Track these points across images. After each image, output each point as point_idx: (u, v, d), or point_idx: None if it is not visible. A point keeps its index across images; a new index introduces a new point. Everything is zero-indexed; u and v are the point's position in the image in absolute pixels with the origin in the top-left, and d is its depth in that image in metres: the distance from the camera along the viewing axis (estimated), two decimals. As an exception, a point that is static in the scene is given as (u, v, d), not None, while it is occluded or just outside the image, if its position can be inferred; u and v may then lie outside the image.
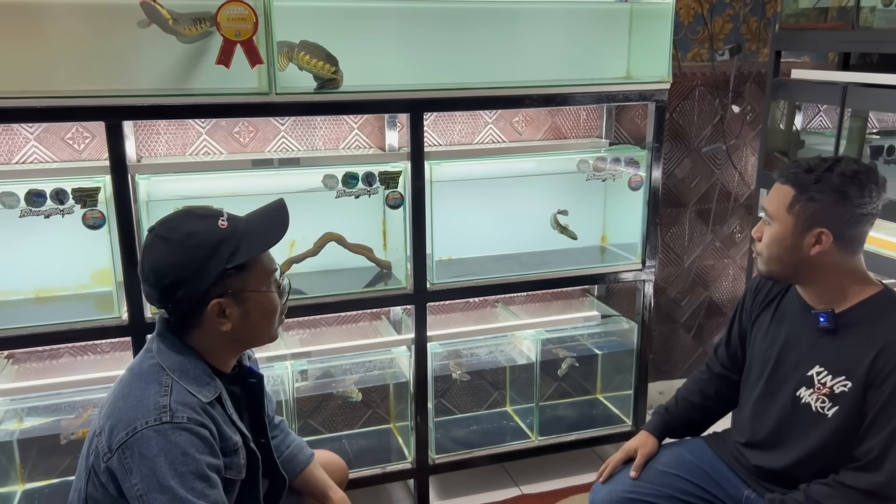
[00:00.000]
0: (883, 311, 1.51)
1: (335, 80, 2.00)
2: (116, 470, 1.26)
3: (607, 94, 2.29)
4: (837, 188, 1.47)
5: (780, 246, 1.53)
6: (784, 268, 1.56)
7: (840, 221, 1.48)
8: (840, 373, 1.52)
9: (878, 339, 1.47)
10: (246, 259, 1.33)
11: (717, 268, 3.05)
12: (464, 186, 2.46)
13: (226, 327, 1.35)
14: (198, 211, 1.37)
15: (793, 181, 1.51)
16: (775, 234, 1.53)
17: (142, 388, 1.30)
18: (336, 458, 1.82)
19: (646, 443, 1.80)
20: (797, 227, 1.50)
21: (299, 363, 2.33)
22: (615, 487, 1.73)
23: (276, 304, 1.40)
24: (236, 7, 1.83)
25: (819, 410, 1.54)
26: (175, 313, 1.36)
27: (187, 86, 1.92)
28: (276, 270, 1.41)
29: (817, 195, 1.48)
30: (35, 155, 2.16)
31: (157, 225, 1.36)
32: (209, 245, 1.30)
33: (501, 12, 2.24)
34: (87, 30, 1.88)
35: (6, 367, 2.20)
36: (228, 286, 1.33)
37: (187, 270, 1.30)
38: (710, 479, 1.72)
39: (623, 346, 2.67)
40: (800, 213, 1.49)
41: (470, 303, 2.69)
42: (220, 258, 1.30)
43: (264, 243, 1.37)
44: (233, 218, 1.36)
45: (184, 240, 1.31)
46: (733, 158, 2.91)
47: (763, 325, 1.72)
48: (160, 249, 1.32)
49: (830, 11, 2.45)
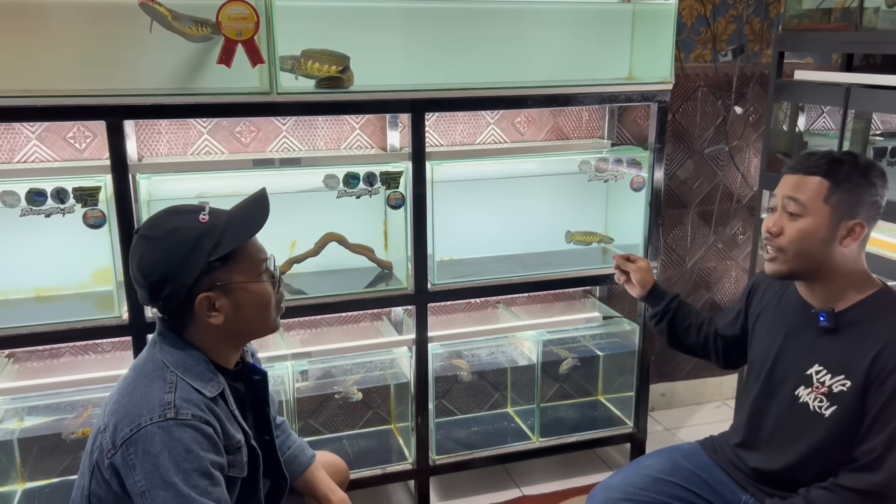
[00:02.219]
0: (883, 311, 1.51)
1: (340, 80, 1.99)
2: (120, 466, 1.27)
3: (609, 95, 2.29)
4: (869, 177, 1.48)
5: (812, 239, 1.49)
6: (810, 264, 1.52)
7: (870, 211, 1.49)
8: (839, 372, 1.51)
9: (879, 339, 1.47)
10: (229, 250, 1.33)
11: (719, 269, 3.04)
12: (465, 187, 2.45)
13: (217, 321, 1.34)
14: (179, 208, 1.38)
15: (824, 172, 1.49)
16: (807, 227, 1.49)
17: (146, 385, 1.31)
18: (337, 459, 1.81)
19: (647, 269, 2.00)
20: (834, 218, 1.48)
21: (300, 363, 2.32)
22: (611, 495, 1.72)
23: (267, 293, 1.39)
24: (237, 6, 1.83)
25: (816, 410, 1.54)
26: (167, 311, 1.36)
27: (189, 85, 1.92)
28: (265, 260, 1.40)
29: (853, 186, 1.47)
30: (36, 154, 2.16)
31: (142, 226, 1.37)
32: (191, 239, 1.31)
33: (504, 12, 2.24)
34: (88, 29, 1.88)
35: (7, 366, 2.20)
36: (216, 279, 1.33)
37: (171, 266, 1.30)
38: (707, 486, 1.71)
39: (624, 347, 2.66)
40: (838, 204, 1.47)
41: (471, 303, 2.69)
42: (203, 251, 1.31)
43: (246, 232, 1.36)
44: (214, 212, 1.36)
45: (166, 236, 1.31)
46: (736, 160, 2.91)
47: (764, 324, 1.71)
48: (144, 248, 1.32)
49: (834, 12, 2.44)
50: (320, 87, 2.00)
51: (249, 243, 1.37)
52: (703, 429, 1.92)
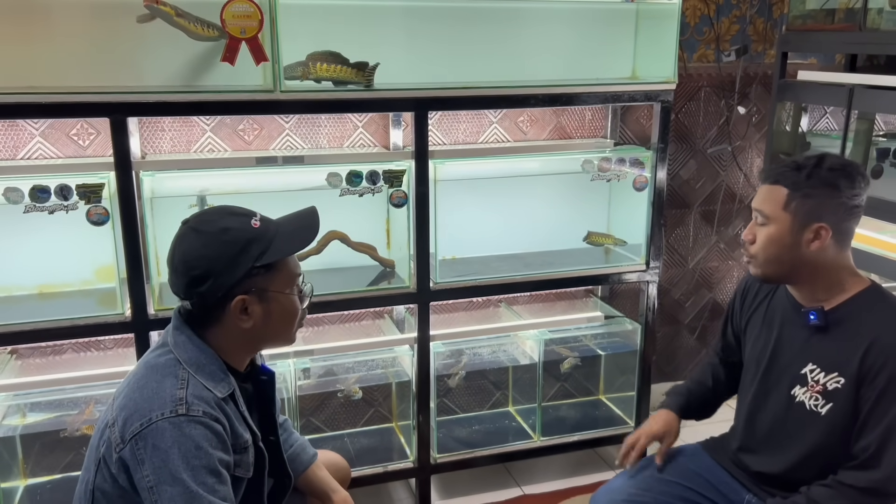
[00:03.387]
0: (871, 306, 1.52)
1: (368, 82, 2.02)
2: (129, 460, 1.27)
3: (612, 95, 2.29)
4: (829, 181, 1.47)
5: (778, 245, 1.52)
6: (781, 267, 1.55)
7: (836, 214, 1.49)
8: (833, 369, 1.52)
9: (867, 335, 1.48)
10: (275, 259, 1.36)
11: (721, 269, 3.04)
12: (468, 186, 2.45)
13: (247, 325, 1.36)
14: (233, 209, 1.40)
15: (783, 180, 1.51)
16: (772, 234, 1.52)
17: (158, 381, 1.31)
18: (339, 457, 1.82)
19: (672, 426, 1.79)
20: (795, 224, 1.50)
21: (302, 361, 2.33)
22: (614, 497, 1.72)
23: (297, 307, 1.42)
24: (242, 4, 1.83)
25: (813, 409, 1.54)
26: (199, 306, 1.37)
27: (192, 83, 1.92)
28: (300, 275, 1.43)
29: (811, 191, 1.48)
30: (40, 151, 2.17)
31: (192, 218, 1.38)
32: (241, 241, 1.33)
33: (507, 11, 2.24)
34: (92, 26, 1.88)
35: (9, 362, 2.20)
36: (254, 284, 1.35)
37: (218, 263, 1.32)
38: (711, 486, 1.72)
39: (626, 347, 2.66)
40: (797, 210, 1.49)
41: (473, 302, 2.69)
42: (250, 256, 1.33)
43: (294, 246, 1.40)
44: (265, 219, 1.39)
45: (218, 234, 1.33)
46: (738, 160, 2.90)
47: (755, 327, 1.72)
48: (193, 241, 1.34)
49: (837, 13, 2.44)
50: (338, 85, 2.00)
51: (291, 258, 1.41)
52: (703, 429, 1.92)
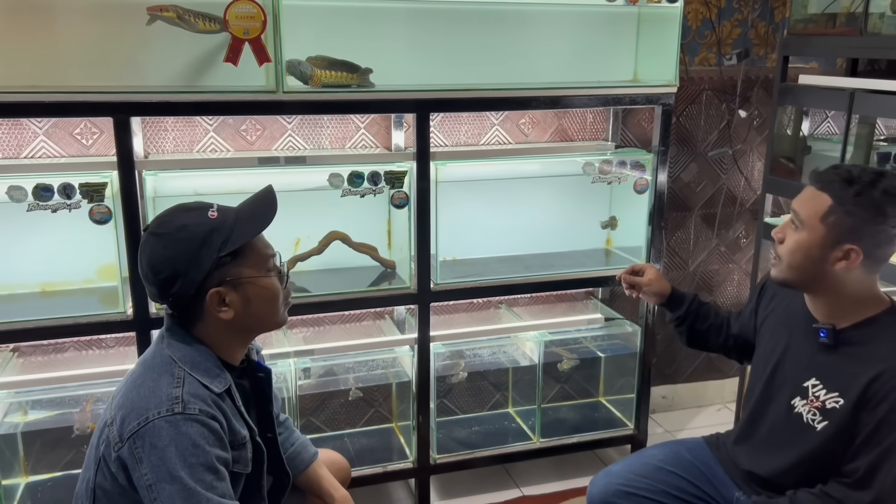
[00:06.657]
0: (885, 333, 1.47)
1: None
2: (127, 459, 1.28)
3: (614, 97, 2.29)
4: (877, 205, 1.39)
5: (804, 255, 1.47)
6: (802, 277, 1.50)
7: (873, 240, 1.41)
8: (834, 388, 1.50)
9: (878, 363, 1.44)
10: (238, 245, 1.35)
11: (721, 273, 3.05)
12: (469, 187, 2.46)
13: (227, 315, 1.36)
14: (188, 205, 1.39)
15: (830, 190, 1.43)
16: (802, 241, 1.47)
17: (154, 380, 1.32)
18: (339, 457, 1.82)
19: (661, 281, 1.88)
20: (828, 239, 1.43)
21: (302, 361, 2.33)
22: (611, 480, 1.74)
23: (275, 288, 1.41)
24: (245, 5, 1.84)
25: (809, 422, 1.54)
26: (176, 307, 1.37)
27: (195, 83, 1.93)
28: (272, 256, 1.43)
29: (855, 209, 1.40)
30: (43, 150, 2.17)
31: (151, 223, 1.39)
32: (200, 235, 1.32)
33: (509, 14, 2.25)
34: (96, 26, 1.89)
35: (11, 360, 2.21)
36: (225, 274, 1.34)
37: (181, 262, 1.32)
38: (705, 479, 1.74)
39: (626, 349, 2.66)
40: (833, 226, 1.42)
41: (473, 303, 2.69)
42: (213, 247, 1.32)
43: (255, 228, 1.38)
44: (223, 208, 1.38)
45: (175, 233, 1.33)
46: (739, 163, 2.91)
47: (770, 327, 1.71)
48: (154, 245, 1.34)
49: (839, 17, 2.45)
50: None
51: (257, 239, 1.40)
52: (703, 431, 1.92)
